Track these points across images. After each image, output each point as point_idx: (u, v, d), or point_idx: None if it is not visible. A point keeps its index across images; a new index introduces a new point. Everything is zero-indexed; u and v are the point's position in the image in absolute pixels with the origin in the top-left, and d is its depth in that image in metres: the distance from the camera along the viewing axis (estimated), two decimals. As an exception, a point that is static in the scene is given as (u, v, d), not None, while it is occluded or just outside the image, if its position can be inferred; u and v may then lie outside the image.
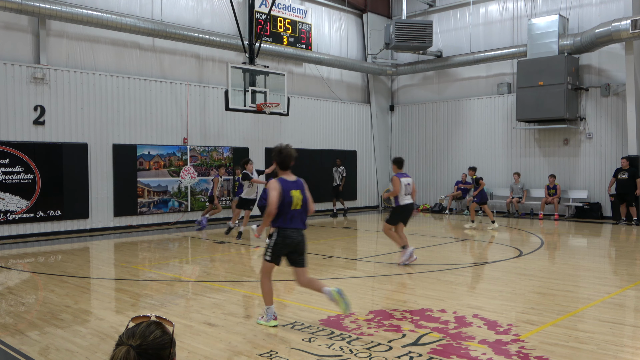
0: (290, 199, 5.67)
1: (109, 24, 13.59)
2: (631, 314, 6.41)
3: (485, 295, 7.29)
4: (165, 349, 1.67)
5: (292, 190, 5.71)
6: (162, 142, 15.12)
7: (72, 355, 4.90)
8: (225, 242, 12.41)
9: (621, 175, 15.12)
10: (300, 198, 5.74)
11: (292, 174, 5.85)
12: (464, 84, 19.88)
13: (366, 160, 21.19)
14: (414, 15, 20.42)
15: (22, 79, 12.67)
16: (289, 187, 5.70)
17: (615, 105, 16.39)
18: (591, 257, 10.49)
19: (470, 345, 5.01)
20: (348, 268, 9.30)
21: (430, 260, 9.91)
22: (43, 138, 13.01)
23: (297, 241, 5.75)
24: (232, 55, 16.63)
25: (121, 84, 14.34)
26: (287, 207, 5.66)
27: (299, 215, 5.75)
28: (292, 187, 5.72)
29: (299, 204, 5.73)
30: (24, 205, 12.61)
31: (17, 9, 12.14)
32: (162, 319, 1.75)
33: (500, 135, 18.71)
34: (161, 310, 6.44)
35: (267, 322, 5.74)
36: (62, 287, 7.71)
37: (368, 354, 4.81)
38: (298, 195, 5.73)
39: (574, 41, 16.16)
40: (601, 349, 4.90)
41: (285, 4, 17.98)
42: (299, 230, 5.77)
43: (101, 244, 12.25)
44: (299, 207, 5.73)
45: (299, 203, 5.72)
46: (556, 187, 16.95)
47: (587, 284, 7.95)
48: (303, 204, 5.76)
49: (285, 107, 14.95)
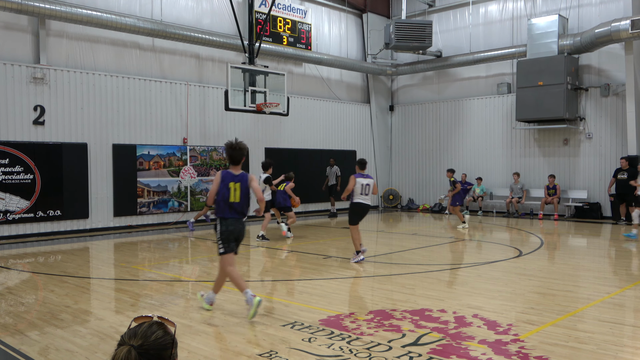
0: (228, 191, 6.08)
1: (109, 24, 13.59)
2: (631, 314, 6.41)
3: (485, 295, 7.29)
4: (167, 349, 1.68)
5: (232, 182, 6.11)
6: (161, 142, 15.12)
7: (72, 355, 4.90)
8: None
9: (620, 175, 15.12)
10: (239, 190, 6.11)
11: (239, 168, 6.21)
12: (464, 84, 19.88)
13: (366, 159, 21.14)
14: (413, 15, 20.43)
15: (22, 79, 12.66)
16: (229, 179, 6.11)
17: (615, 105, 16.40)
18: (591, 257, 10.49)
19: (470, 345, 5.01)
20: (348, 268, 9.30)
21: (430, 260, 9.91)
22: (43, 138, 13.01)
23: (239, 230, 6.18)
24: (232, 55, 16.63)
25: (121, 84, 14.34)
26: (226, 198, 6.09)
27: (238, 206, 6.14)
28: (233, 180, 6.11)
29: (237, 195, 6.10)
30: (23, 205, 12.60)
31: (17, 9, 12.13)
32: (164, 319, 1.75)
33: (500, 135, 18.71)
34: (161, 310, 6.44)
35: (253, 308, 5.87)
36: (62, 287, 7.71)
37: (368, 354, 4.81)
38: (237, 187, 6.11)
39: (573, 41, 16.16)
40: (601, 349, 4.90)
41: (285, 4, 17.98)
42: (238, 219, 6.15)
43: (101, 244, 12.25)
44: (238, 199, 6.11)
45: (237, 195, 6.10)
46: (556, 187, 16.96)
47: (586, 284, 7.95)
48: (242, 195, 6.12)
49: (285, 107, 14.95)
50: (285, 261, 10.34)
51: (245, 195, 6.16)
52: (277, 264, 9.85)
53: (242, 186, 6.13)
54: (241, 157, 6.18)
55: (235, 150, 6.13)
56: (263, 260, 10.39)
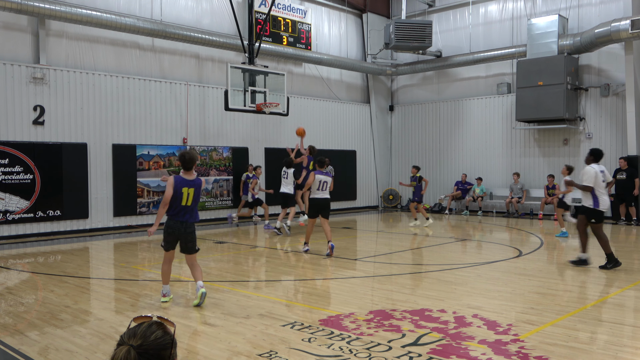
0: (181, 195, 6.43)
1: (109, 24, 13.59)
2: (631, 314, 6.41)
3: (485, 295, 7.28)
4: (166, 349, 1.67)
5: (185, 187, 6.46)
6: (161, 142, 15.12)
7: (72, 356, 4.90)
8: (225, 242, 12.42)
9: (620, 175, 15.12)
10: (192, 195, 6.48)
11: (192, 174, 6.57)
12: (464, 84, 19.88)
13: (366, 160, 21.19)
14: (413, 15, 20.43)
15: (21, 79, 12.66)
16: (183, 184, 6.45)
17: (614, 105, 16.40)
18: (591, 257, 10.47)
19: (470, 345, 5.01)
20: (348, 268, 9.30)
21: (430, 260, 9.91)
22: (42, 138, 13.01)
23: (180, 231, 6.54)
24: (232, 55, 16.63)
25: (121, 84, 14.34)
26: (178, 201, 6.45)
27: (188, 210, 6.52)
28: (186, 185, 6.47)
29: (189, 200, 6.48)
30: (23, 205, 12.60)
31: (17, 9, 12.13)
32: (163, 319, 1.75)
33: (500, 135, 18.71)
34: (161, 311, 6.44)
35: (162, 297, 6.69)
36: (62, 287, 7.71)
37: (368, 354, 4.81)
38: (190, 192, 6.46)
39: (573, 41, 16.16)
40: (601, 349, 4.90)
41: (285, 4, 17.98)
42: (184, 222, 6.53)
43: (101, 244, 12.24)
44: (190, 203, 6.49)
45: (189, 199, 6.48)
46: (555, 187, 16.94)
47: (586, 284, 7.95)
48: (194, 200, 6.51)
49: (284, 107, 14.95)
50: (285, 261, 10.34)
51: (195, 200, 6.56)
52: (277, 264, 9.85)
53: (195, 192, 6.52)
54: (193, 164, 6.55)
55: (186, 158, 6.49)
56: (263, 261, 10.39)
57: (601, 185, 8.65)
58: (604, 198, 8.68)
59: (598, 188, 8.60)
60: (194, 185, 6.50)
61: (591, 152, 8.97)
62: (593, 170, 8.64)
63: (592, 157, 8.90)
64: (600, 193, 8.64)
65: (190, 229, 6.65)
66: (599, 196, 8.64)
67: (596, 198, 8.64)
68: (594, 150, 8.95)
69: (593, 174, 8.60)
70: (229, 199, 16.49)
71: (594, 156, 8.87)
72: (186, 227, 6.58)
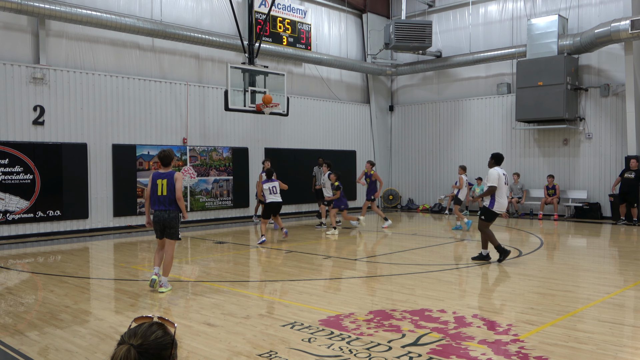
0: (156, 187, 7.36)
1: (109, 24, 13.59)
2: (630, 314, 6.41)
3: (484, 295, 7.29)
4: (167, 349, 1.67)
5: (159, 179, 7.34)
6: (161, 142, 15.12)
7: (72, 356, 4.90)
8: (225, 242, 12.42)
9: (628, 174, 15.10)
10: (165, 186, 7.29)
11: (168, 169, 7.43)
12: (464, 84, 19.89)
13: (366, 160, 21.14)
14: (413, 15, 20.44)
15: (21, 79, 12.66)
16: (157, 177, 7.39)
17: (614, 105, 16.40)
18: (591, 257, 10.49)
19: (469, 346, 5.01)
20: (347, 268, 9.30)
21: (430, 261, 9.92)
22: (42, 138, 13.01)
23: (162, 219, 7.34)
24: (232, 56, 16.63)
25: (121, 84, 14.34)
26: (155, 193, 7.37)
27: (164, 199, 7.32)
28: (159, 177, 7.36)
29: (164, 190, 7.30)
30: (23, 205, 12.60)
31: (17, 9, 12.13)
32: (164, 319, 1.75)
33: (500, 135, 18.71)
34: (160, 311, 6.44)
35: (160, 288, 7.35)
36: (62, 287, 7.71)
37: (368, 354, 4.81)
38: (164, 183, 7.29)
39: (573, 41, 16.17)
40: (600, 349, 4.90)
41: (285, 4, 17.98)
42: (163, 210, 7.36)
43: (101, 244, 12.24)
44: (165, 192, 7.29)
45: (164, 189, 7.30)
46: (555, 187, 16.96)
47: (586, 284, 7.95)
48: (168, 190, 7.29)
49: (284, 107, 14.95)
50: (285, 261, 10.34)
51: (170, 189, 7.29)
52: (277, 264, 9.85)
53: (168, 182, 7.30)
54: (169, 161, 7.42)
55: (161, 156, 7.43)
56: (263, 261, 10.39)
57: (503, 188, 9.12)
58: (501, 201, 9.12)
59: (500, 190, 9.06)
60: (166, 177, 7.30)
61: (492, 156, 9.52)
62: (496, 172, 9.14)
63: (494, 160, 9.46)
64: (499, 195, 9.08)
65: (169, 216, 7.35)
66: (497, 198, 9.09)
67: (493, 199, 9.09)
68: (495, 155, 9.53)
69: (496, 175, 9.10)
70: (229, 199, 16.49)
71: (495, 159, 9.42)
72: (165, 214, 7.34)
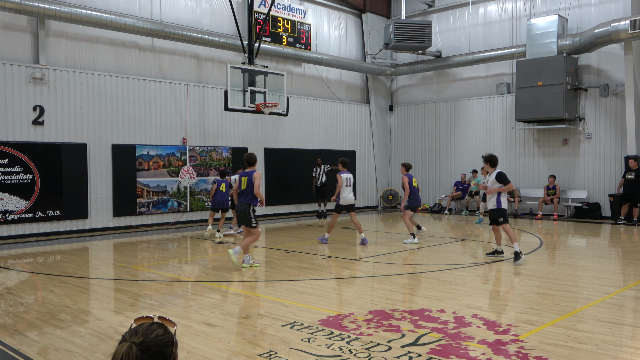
0: (240, 183, 9.17)
1: (108, 24, 13.59)
2: (630, 314, 6.41)
3: (484, 295, 7.29)
4: (168, 347, 1.69)
5: (243, 177, 9.11)
6: (161, 142, 15.12)
7: (71, 356, 4.90)
8: (225, 242, 12.42)
9: (629, 175, 15.12)
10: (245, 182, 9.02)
11: (252, 168, 9.16)
12: (463, 84, 19.89)
13: (365, 160, 21.19)
14: (413, 15, 20.44)
15: (21, 79, 12.66)
16: (242, 175, 9.20)
17: (614, 105, 16.41)
18: (590, 257, 10.50)
19: (469, 346, 5.01)
20: (347, 268, 9.30)
21: (430, 261, 9.92)
22: (42, 138, 13.00)
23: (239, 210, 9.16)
24: (232, 56, 16.63)
25: (120, 84, 14.34)
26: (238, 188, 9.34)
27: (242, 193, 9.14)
28: (243, 175, 9.11)
29: (243, 185, 9.07)
30: (23, 205, 12.60)
31: (16, 9, 12.13)
32: (164, 319, 1.76)
33: (500, 135, 18.72)
34: (160, 311, 6.44)
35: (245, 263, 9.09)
36: (61, 287, 7.71)
37: (367, 354, 4.81)
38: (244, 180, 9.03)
39: (573, 41, 16.17)
40: (600, 349, 4.91)
41: (285, 4, 17.98)
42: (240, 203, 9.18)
43: (100, 244, 12.24)
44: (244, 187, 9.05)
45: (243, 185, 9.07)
46: (556, 187, 16.96)
47: (586, 284, 7.95)
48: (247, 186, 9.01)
49: (284, 107, 14.95)
50: (285, 261, 10.34)
51: (249, 185, 8.87)
52: (277, 264, 9.85)
53: (248, 180, 8.93)
54: (253, 162, 9.13)
55: (245, 157, 9.23)
56: (263, 261, 10.39)
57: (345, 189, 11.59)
58: (344, 196, 11.61)
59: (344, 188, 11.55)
60: (247, 175, 8.98)
61: (340, 161, 11.98)
62: (341, 177, 11.57)
63: (342, 164, 11.93)
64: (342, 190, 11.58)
65: (242, 208, 9.04)
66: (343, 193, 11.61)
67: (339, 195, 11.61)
68: (342, 159, 12.02)
69: (344, 178, 11.59)
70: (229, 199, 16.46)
71: (343, 164, 11.90)
72: (241, 206, 9.07)
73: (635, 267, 9.17)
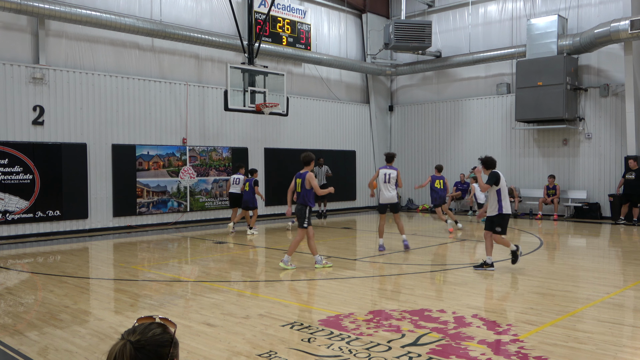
0: (295, 184, 9.21)
1: (108, 24, 13.59)
2: (630, 314, 6.41)
3: (484, 295, 7.29)
4: (165, 346, 1.68)
5: (297, 178, 9.14)
6: (161, 142, 15.12)
7: (71, 356, 4.90)
8: (224, 242, 12.42)
9: (629, 175, 15.13)
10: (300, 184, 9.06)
11: (307, 169, 9.11)
12: (463, 84, 19.89)
13: (365, 160, 21.19)
14: (413, 15, 20.43)
15: (21, 79, 12.66)
16: (297, 176, 9.17)
17: (614, 105, 16.41)
18: (590, 257, 10.50)
19: (469, 346, 5.01)
20: (347, 268, 9.29)
21: (430, 260, 9.92)
22: (42, 138, 13.00)
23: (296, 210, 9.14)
24: (232, 56, 16.63)
25: (120, 84, 14.34)
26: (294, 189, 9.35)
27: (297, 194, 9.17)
28: (298, 177, 9.14)
29: (298, 187, 9.09)
30: (23, 205, 12.60)
31: (16, 9, 12.13)
32: (165, 319, 1.76)
33: (500, 135, 18.72)
34: (160, 311, 6.44)
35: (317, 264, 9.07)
36: (61, 287, 7.71)
37: (367, 354, 4.81)
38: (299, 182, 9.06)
39: (573, 41, 16.17)
40: (600, 349, 4.91)
41: (285, 4, 17.98)
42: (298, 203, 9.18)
43: (100, 244, 12.24)
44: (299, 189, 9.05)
45: (298, 187, 9.09)
46: (556, 187, 16.96)
47: (586, 284, 7.95)
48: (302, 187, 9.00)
49: (284, 107, 14.95)
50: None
51: (303, 187, 8.95)
52: (277, 264, 9.85)
53: (302, 181, 8.98)
54: (308, 162, 9.04)
55: (302, 158, 9.12)
56: (262, 261, 10.39)
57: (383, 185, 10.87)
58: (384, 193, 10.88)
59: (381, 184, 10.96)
60: (301, 177, 8.99)
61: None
62: (379, 171, 11.00)
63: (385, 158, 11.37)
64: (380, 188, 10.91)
65: (297, 209, 9.02)
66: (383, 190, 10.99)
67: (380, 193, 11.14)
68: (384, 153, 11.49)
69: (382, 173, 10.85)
70: (229, 199, 16.45)
71: (386, 158, 11.26)
72: (297, 206, 9.03)
73: (635, 267, 9.17)
